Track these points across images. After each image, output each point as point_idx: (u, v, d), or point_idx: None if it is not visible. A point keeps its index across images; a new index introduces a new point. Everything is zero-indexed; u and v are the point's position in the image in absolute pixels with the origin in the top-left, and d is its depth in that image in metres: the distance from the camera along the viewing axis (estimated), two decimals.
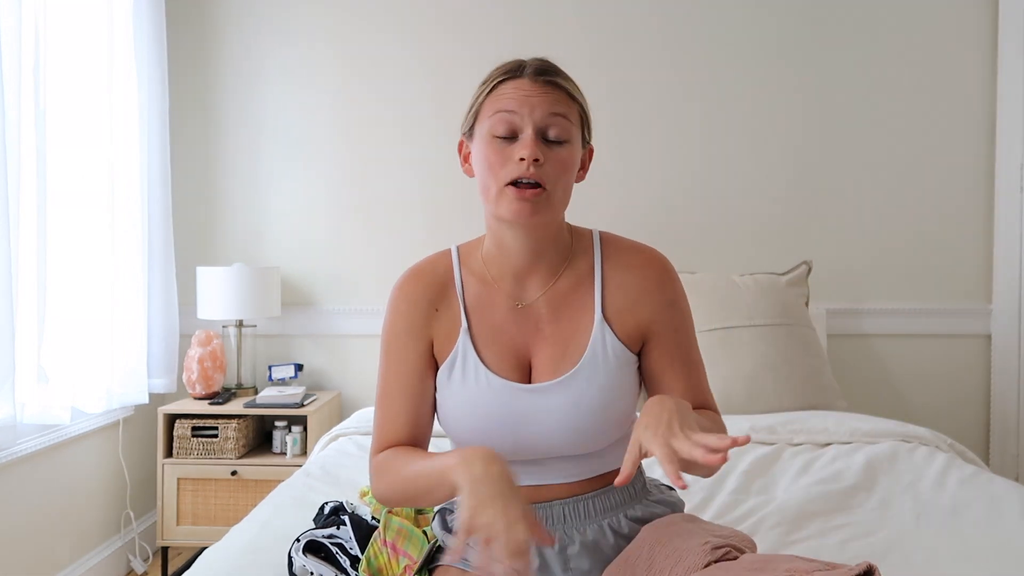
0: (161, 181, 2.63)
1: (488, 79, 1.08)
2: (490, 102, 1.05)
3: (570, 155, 1.05)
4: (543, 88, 1.04)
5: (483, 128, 1.05)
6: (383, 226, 2.84)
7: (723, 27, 2.77)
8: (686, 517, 1.10)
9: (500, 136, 1.03)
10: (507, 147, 1.03)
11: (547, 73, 1.05)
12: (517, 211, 1.02)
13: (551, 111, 1.03)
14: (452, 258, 1.17)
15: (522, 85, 1.04)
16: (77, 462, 2.34)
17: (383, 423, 1.11)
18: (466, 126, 1.11)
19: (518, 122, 1.02)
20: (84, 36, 2.31)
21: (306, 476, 1.74)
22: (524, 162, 1.00)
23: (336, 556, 1.16)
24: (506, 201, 1.03)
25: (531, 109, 1.02)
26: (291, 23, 2.83)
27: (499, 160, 1.03)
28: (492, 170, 1.03)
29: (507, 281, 1.12)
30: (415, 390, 1.11)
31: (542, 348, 1.09)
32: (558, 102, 1.04)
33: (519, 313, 1.11)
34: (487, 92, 1.06)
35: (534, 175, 1.01)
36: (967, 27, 2.73)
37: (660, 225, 2.76)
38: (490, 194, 1.05)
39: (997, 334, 2.73)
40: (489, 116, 1.04)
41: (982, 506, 1.48)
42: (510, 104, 1.03)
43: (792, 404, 2.21)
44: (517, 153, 1.01)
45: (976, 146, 2.74)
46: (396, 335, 1.13)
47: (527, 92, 1.03)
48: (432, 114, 2.80)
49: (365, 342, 2.84)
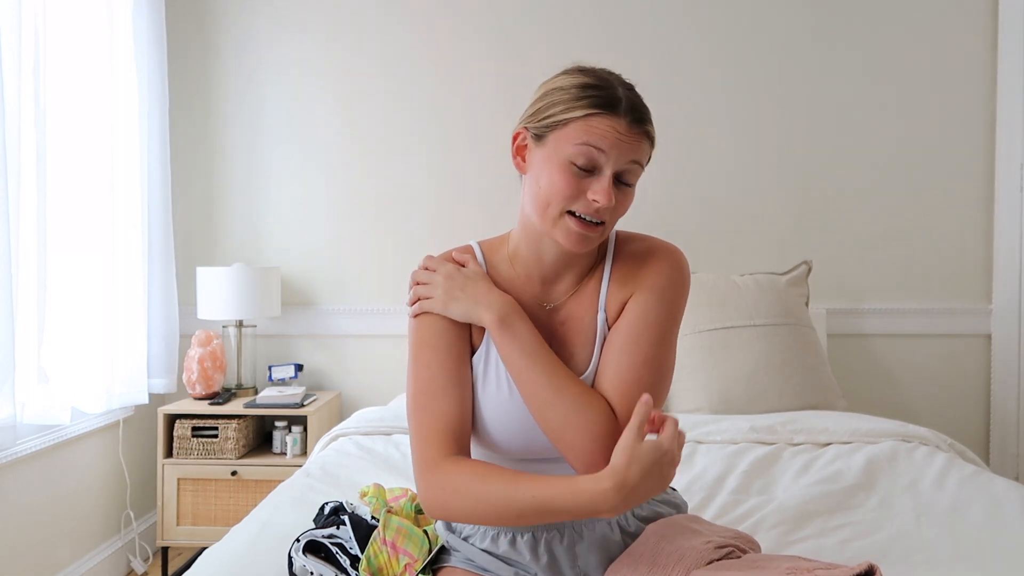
0: (161, 181, 2.63)
1: (580, 99, 1.00)
2: (578, 128, 0.99)
3: (632, 196, 1.05)
4: (636, 135, 1.01)
5: (561, 147, 1.00)
6: (383, 226, 2.84)
7: (723, 27, 2.77)
8: (690, 517, 1.11)
9: (579, 166, 1.00)
10: (582, 179, 1.00)
11: (642, 121, 1.02)
12: (574, 242, 1.02)
13: (634, 159, 1.01)
14: (477, 255, 1.15)
15: (619, 126, 0.99)
16: (77, 462, 2.34)
17: (432, 420, 1.03)
18: (541, 127, 1.03)
19: (601, 161, 1.00)
20: (84, 36, 2.31)
21: (306, 476, 1.73)
22: (596, 203, 1.00)
23: (336, 556, 1.15)
24: (564, 229, 1.02)
25: (619, 154, 1.00)
26: (291, 24, 2.82)
27: (571, 191, 1.00)
28: (559, 196, 1.01)
29: (533, 283, 1.12)
30: (463, 378, 1.07)
31: (559, 351, 1.10)
32: (642, 150, 1.02)
33: (543, 315, 1.11)
34: (580, 115, 0.99)
35: (600, 216, 1.01)
36: (967, 27, 2.73)
37: (660, 225, 2.73)
38: (547, 215, 1.02)
39: (997, 334, 2.73)
40: (574, 143, 0.99)
41: (982, 506, 1.48)
42: (602, 143, 0.98)
43: (792, 404, 2.21)
44: (591, 192, 1.00)
45: (976, 146, 2.74)
46: (435, 324, 1.08)
47: (622, 136, 0.99)
48: (433, 114, 2.80)
49: (365, 342, 2.84)
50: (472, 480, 0.97)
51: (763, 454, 1.82)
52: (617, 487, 0.89)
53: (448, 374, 1.06)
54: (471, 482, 0.97)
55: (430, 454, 1.01)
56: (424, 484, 1.01)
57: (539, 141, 1.03)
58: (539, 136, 1.03)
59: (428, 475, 1.00)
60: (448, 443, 1.02)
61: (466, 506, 0.97)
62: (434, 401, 1.04)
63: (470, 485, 0.97)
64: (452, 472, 0.98)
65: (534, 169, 1.04)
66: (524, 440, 1.07)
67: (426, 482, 1.00)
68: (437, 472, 1.00)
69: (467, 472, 0.98)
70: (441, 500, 0.99)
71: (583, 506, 0.91)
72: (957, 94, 2.74)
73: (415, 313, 1.10)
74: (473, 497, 0.96)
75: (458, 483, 0.97)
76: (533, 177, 1.04)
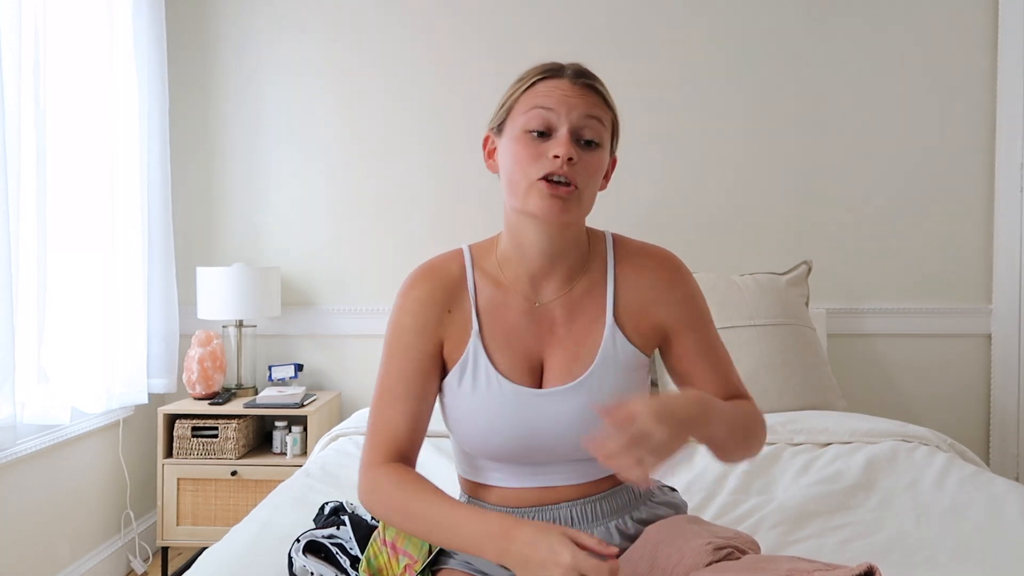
0: (161, 181, 2.63)
1: (525, 76, 1.07)
2: (526, 98, 1.04)
3: (600, 159, 1.05)
4: (582, 90, 1.03)
5: (516, 124, 1.04)
6: (383, 226, 2.84)
7: (722, 27, 2.77)
8: (689, 518, 1.10)
9: (534, 131, 1.02)
10: (540, 143, 1.02)
11: (586, 76, 1.05)
12: (548, 207, 1.01)
13: (588, 113, 1.03)
14: (465, 259, 1.14)
15: (561, 85, 1.03)
16: (77, 462, 2.34)
17: (381, 424, 1.08)
18: (496, 122, 1.09)
19: (554, 120, 1.02)
20: (84, 36, 2.31)
21: (306, 476, 1.73)
22: (558, 159, 1.00)
23: (336, 556, 1.15)
24: (536, 196, 1.01)
25: (568, 109, 1.02)
26: (291, 24, 2.82)
27: (531, 156, 1.02)
28: (522, 165, 1.02)
29: (523, 283, 1.11)
30: (419, 391, 1.08)
31: (555, 351, 1.09)
32: (595, 105, 1.04)
33: (533, 315, 1.10)
34: (523, 89, 1.05)
35: (567, 173, 1.00)
36: (967, 27, 2.73)
37: (660, 225, 2.76)
38: (518, 189, 1.03)
39: (997, 334, 2.73)
40: (524, 112, 1.03)
41: (982, 506, 1.48)
42: (548, 101, 1.02)
43: (792, 404, 2.21)
44: (551, 150, 1.01)
45: (976, 146, 2.74)
46: (403, 333, 1.10)
47: (566, 92, 1.03)
48: (433, 113, 2.80)
49: (365, 342, 2.84)
50: (395, 482, 1.03)
51: (763, 454, 1.82)
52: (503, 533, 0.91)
53: (405, 385, 1.08)
54: (394, 489, 1.02)
55: (370, 456, 1.08)
56: (361, 480, 1.07)
57: (500, 132, 1.08)
58: (500, 127, 1.08)
59: (362, 473, 1.07)
60: (389, 450, 1.07)
61: (382, 510, 1.04)
62: (387, 407, 1.08)
63: (392, 492, 1.02)
64: (381, 476, 1.04)
65: (501, 159, 1.08)
66: (520, 445, 1.06)
67: (360, 480, 1.08)
68: (370, 472, 1.06)
69: (393, 480, 1.03)
70: (367, 500, 1.06)
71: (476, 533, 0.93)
72: (957, 94, 2.74)
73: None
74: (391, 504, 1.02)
75: (382, 484, 1.04)
76: (502, 166, 1.08)
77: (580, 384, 1.07)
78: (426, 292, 1.10)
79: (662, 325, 1.12)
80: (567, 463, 1.09)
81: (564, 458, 1.09)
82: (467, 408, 1.08)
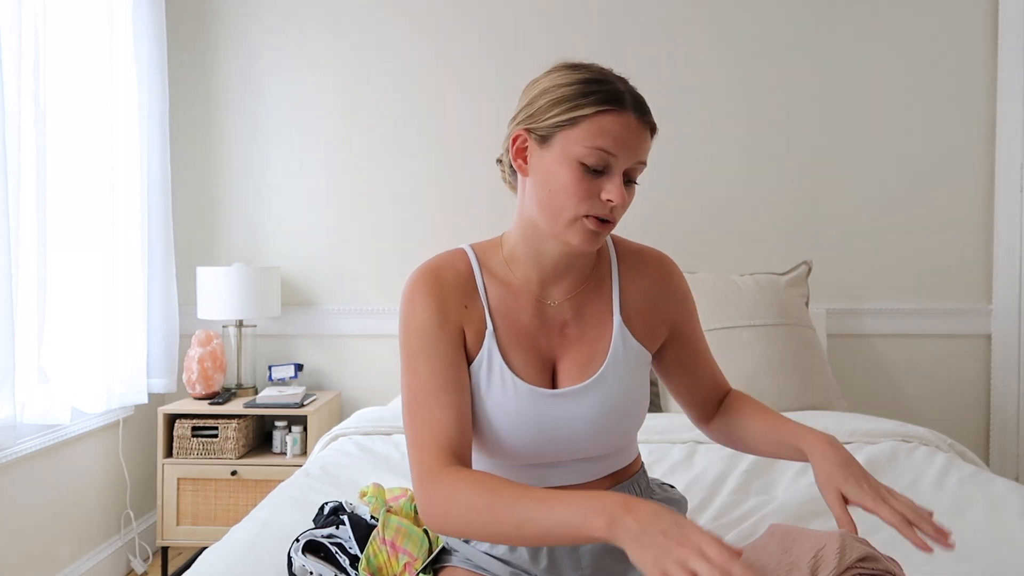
0: (161, 181, 2.63)
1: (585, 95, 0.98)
2: (589, 129, 0.97)
3: (634, 192, 1.05)
4: (641, 132, 1.00)
5: (570, 150, 0.98)
6: (383, 226, 2.84)
7: (722, 27, 2.77)
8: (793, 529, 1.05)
9: (590, 167, 0.98)
10: (594, 180, 0.99)
11: (647, 113, 1.02)
12: (586, 241, 1.01)
13: (641, 158, 1.01)
14: (469, 258, 1.11)
15: (628, 125, 0.98)
16: (77, 462, 2.34)
17: (426, 431, 0.99)
18: (544, 128, 1.00)
19: (613, 163, 0.99)
20: (84, 36, 2.31)
21: (306, 476, 1.73)
22: (610, 204, 0.99)
23: (336, 556, 1.16)
24: (580, 231, 1.00)
25: (629, 154, 0.99)
26: (291, 24, 2.83)
27: (584, 193, 0.98)
28: (572, 198, 0.99)
29: (532, 284, 1.10)
30: (458, 384, 1.03)
31: (567, 352, 1.09)
32: (646, 147, 1.02)
33: (544, 316, 1.10)
34: (586, 114, 0.98)
35: (613, 215, 1.01)
36: (967, 27, 2.73)
37: (660, 225, 2.76)
38: (560, 219, 1.00)
39: (997, 334, 2.73)
40: (584, 145, 0.97)
41: (982, 506, 1.48)
42: (613, 146, 0.97)
43: (792, 404, 2.21)
44: (604, 192, 0.98)
45: (976, 146, 2.74)
46: (426, 329, 1.03)
47: (631, 135, 0.99)
48: (433, 113, 2.80)
49: (365, 342, 2.84)
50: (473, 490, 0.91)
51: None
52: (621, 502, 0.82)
53: (443, 379, 1.01)
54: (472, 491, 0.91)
55: (426, 466, 0.97)
56: (424, 494, 0.96)
57: (544, 143, 1.00)
58: (545, 137, 1.00)
59: (425, 487, 0.96)
60: (445, 453, 0.97)
61: (460, 518, 0.92)
62: (428, 411, 1.00)
63: (471, 495, 0.91)
64: (452, 482, 0.93)
65: (540, 172, 1.01)
66: (535, 445, 1.05)
67: (426, 492, 0.95)
68: (435, 483, 0.95)
69: (467, 481, 0.92)
70: (439, 512, 0.94)
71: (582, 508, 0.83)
72: (957, 95, 2.74)
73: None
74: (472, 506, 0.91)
75: (459, 493, 0.92)
76: (539, 180, 1.02)
77: (593, 383, 1.07)
78: (440, 287, 1.06)
79: (664, 322, 1.15)
80: (572, 462, 1.09)
81: (572, 457, 1.08)
82: (483, 408, 1.06)
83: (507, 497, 0.88)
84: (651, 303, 1.14)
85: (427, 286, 1.06)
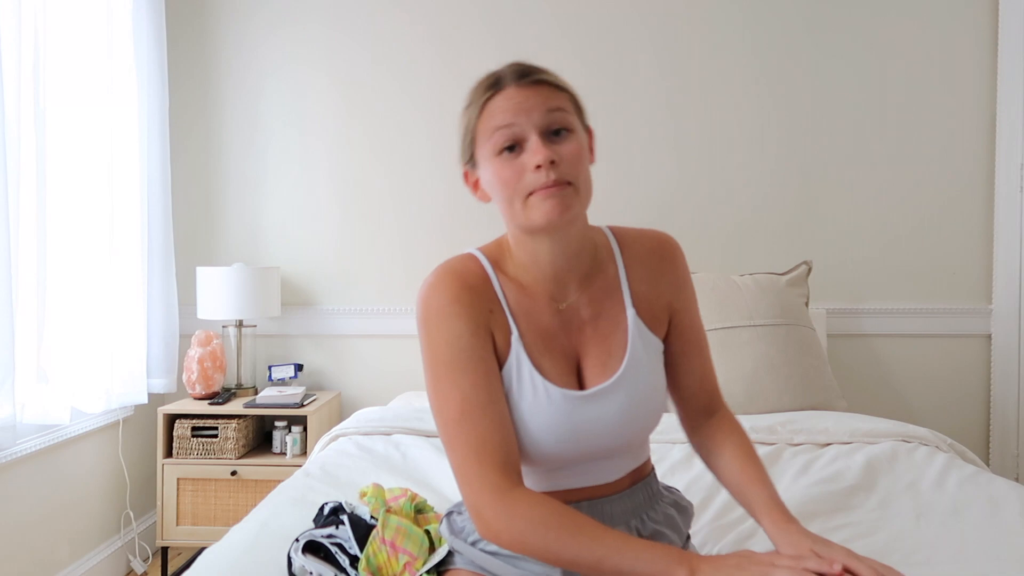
0: (161, 181, 2.63)
1: (472, 101, 1.03)
2: (484, 123, 1.01)
3: (578, 144, 1.02)
4: (530, 89, 1.01)
5: (485, 150, 1.01)
6: (384, 225, 2.84)
7: (722, 26, 2.77)
8: None
9: (506, 149, 1.00)
10: (517, 158, 0.99)
11: (528, 74, 1.02)
12: (550, 211, 0.98)
13: (546, 108, 1.00)
14: (482, 262, 1.09)
15: (510, 95, 1.00)
16: (77, 462, 2.34)
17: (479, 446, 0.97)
18: (466, 155, 1.06)
19: (519, 132, 0.99)
20: (84, 36, 2.31)
21: (306, 476, 1.73)
22: (541, 169, 0.97)
23: (335, 556, 1.15)
24: (535, 207, 0.99)
25: (527, 115, 0.99)
26: (291, 24, 2.83)
27: (514, 174, 0.99)
28: (509, 186, 0.99)
29: (547, 283, 1.09)
30: (500, 393, 1.01)
31: (589, 350, 1.08)
32: (550, 97, 1.01)
33: (562, 316, 1.08)
34: (477, 115, 1.02)
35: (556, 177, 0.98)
36: (967, 27, 2.73)
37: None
38: (515, 209, 1.01)
39: (997, 334, 2.73)
40: (488, 137, 1.00)
41: (982, 506, 1.48)
42: (505, 118, 0.99)
43: (792, 404, 2.21)
44: (530, 162, 0.98)
45: (976, 146, 2.75)
46: (459, 338, 1.00)
47: (518, 99, 1.00)
48: (432, 114, 2.80)
49: (365, 342, 2.84)
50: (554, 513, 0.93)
51: (763, 454, 1.82)
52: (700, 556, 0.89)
53: (487, 392, 0.99)
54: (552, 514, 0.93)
55: (496, 480, 0.95)
56: (492, 512, 0.94)
57: (474, 164, 1.06)
58: (473, 160, 1.05)
59: (498, 502, 0.95)
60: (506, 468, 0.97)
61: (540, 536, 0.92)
62: (475, 425, 0.98)
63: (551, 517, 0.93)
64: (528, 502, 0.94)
65: (487, 187, 1.05)
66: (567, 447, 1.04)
67: (495, 510, 0.94)
68: (510, 500, 0.94)
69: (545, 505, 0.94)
70: (518, 531, 0.93)
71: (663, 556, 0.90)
72: (957, 94, 2.74)
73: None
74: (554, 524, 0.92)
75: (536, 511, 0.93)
76: (490, 192, 1.05)
77: (618, 380, 1.05)
78: (463, 292, 1.03)
79: (668, 306, 1.13)
80: (591, 462, 1.08)
81: (595, 457, 1.07)
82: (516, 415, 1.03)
83: (589, 535, 0.92)
84: (653, 285, 1.12)
85: (451, 292, 1.03)
